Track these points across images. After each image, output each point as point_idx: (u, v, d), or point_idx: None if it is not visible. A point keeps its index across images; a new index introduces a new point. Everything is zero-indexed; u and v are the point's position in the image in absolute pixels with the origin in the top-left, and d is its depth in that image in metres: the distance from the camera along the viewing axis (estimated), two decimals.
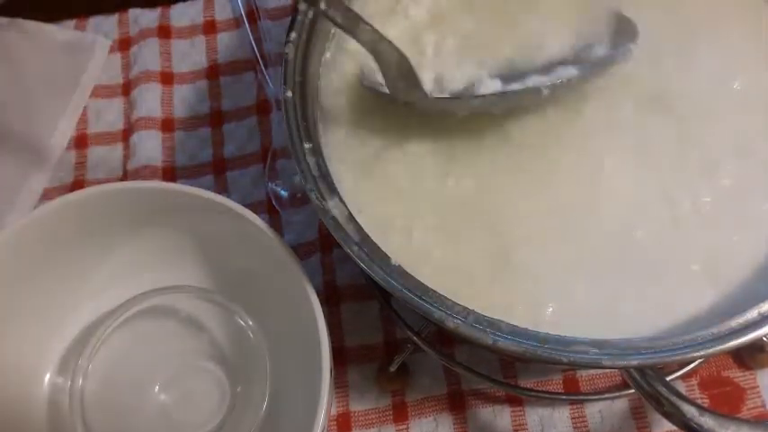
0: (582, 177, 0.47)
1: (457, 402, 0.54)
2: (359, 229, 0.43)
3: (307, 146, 0.46)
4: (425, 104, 0.48)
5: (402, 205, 0.47)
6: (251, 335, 0.51)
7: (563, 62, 0.49)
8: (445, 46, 0.51)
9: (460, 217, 0.46)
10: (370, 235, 0.43)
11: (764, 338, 0.46)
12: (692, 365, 0.52)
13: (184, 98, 0.69)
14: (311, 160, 0.45)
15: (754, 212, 0.45)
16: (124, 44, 0.72)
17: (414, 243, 0.46)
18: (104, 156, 0.66)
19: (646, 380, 0.39)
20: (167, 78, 0.69)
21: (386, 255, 0.42)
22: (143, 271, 0.54)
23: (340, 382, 0.55)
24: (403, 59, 0.46)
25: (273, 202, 0.62)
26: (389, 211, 0.47)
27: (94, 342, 0.50)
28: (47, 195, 0.65)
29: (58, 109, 0.68)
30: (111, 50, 0.71)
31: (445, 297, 0.40)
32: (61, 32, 0.72)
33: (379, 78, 0.47)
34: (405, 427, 0.54)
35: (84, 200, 0.50)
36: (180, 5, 0.73)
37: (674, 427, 0.39)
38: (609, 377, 0.54)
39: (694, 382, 0.53)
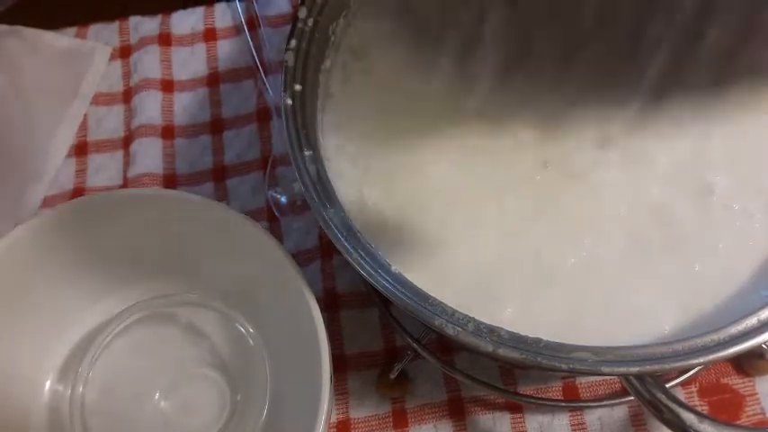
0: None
1: (457, 409, 0.54)
2: (359, 236, 0.43)
3: (307, 153, 0.46)
4: None
5: (400, 210, 0.47)
6: (251, 342, 0.51)
7: None
8: None
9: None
10: (368, 240, 0.43)
11: (764, 346, 0.46)
12: (691, 372, 0.52)
13: (185, 106, 0.69)
14: (311, 167, 0.45)
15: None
16: (124, 52, 0.72)
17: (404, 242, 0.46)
18: (105, 163, 0.67)
19: (645, 387, 0.39)
20: (168, 86, 0.69)
21: (386, 262, 0.42)
22: (143, 278, 0.54)
23: (340, 389, 0.55)
24: None
25: (273, 210, 0.62)
26: (387, 216, 0.47)
27: (95, 349, 0.50)
28: (47, 203, 0.65)
29: (58, 116, 0.68)
30: (112, 58, 0.72)
31: (445, 304, 0.40)
32: (61, 40, 0.72)
33: None
34: None
35: (85, 207, 0.50)
36: (180, 13, 0.73)
37: None
38: (608, 384, 0.54)
39: (694, 389, 0.54)
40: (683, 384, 0.53)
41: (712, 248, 0.45)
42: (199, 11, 0.73)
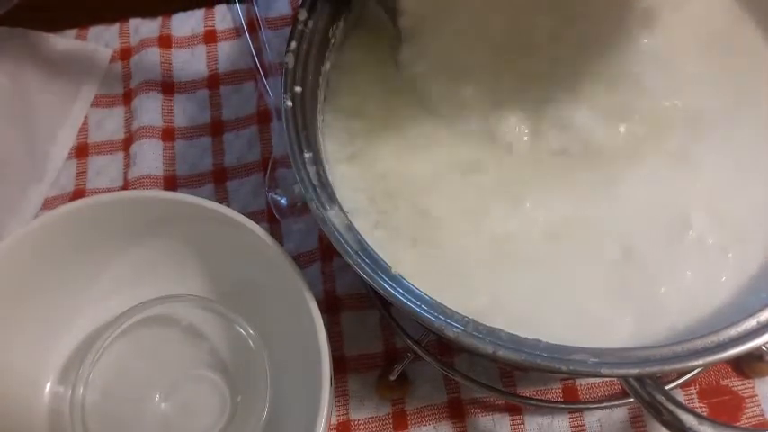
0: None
1: (456, 411, 0.54)
2: (359, 238, 0.43)
3: (307, 155, 0.46)
4: None
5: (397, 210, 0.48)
6: (251, 344, 0.51)
7: None
8: None
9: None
10: (369, 243, 0.43)
11: (763, 347, 0.46)
12: (691, 374, 0.53)
13: (185, 108, 0.69)
14: (311, 169, 0.45)
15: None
16: (125, 54, 0.72)
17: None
18: (105, 165, 0.67)
19: (645, 389, 0.39)
20: (168, 88, 0.69)
21: (386, 264, 0.42)
22: (144, 280, 0.54)
23: (340, 391, 0.56)
24: None
25: (274, 212, 0.62)
26: (385, 217, 0.47)
27: (95, 351, 0.50)
28: (47, 204, 0.65)
29: (58, 118, 0.68)
30: (112, 60, 0.72)
31: (445, 306, 0.40)
32: (62, 42, 0.72)
33: None
34: None
35: (85, 209, 0.50)
36: (180, 15, 0.73)
37: None
38: (608, 386, 0.54)
39: (693, 390, 0.54)
40: (683, 386, 0.53)
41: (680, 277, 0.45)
42: (199, 13, 0.73)
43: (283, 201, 0.62)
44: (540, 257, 0.46)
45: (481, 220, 0.47)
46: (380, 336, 0.57)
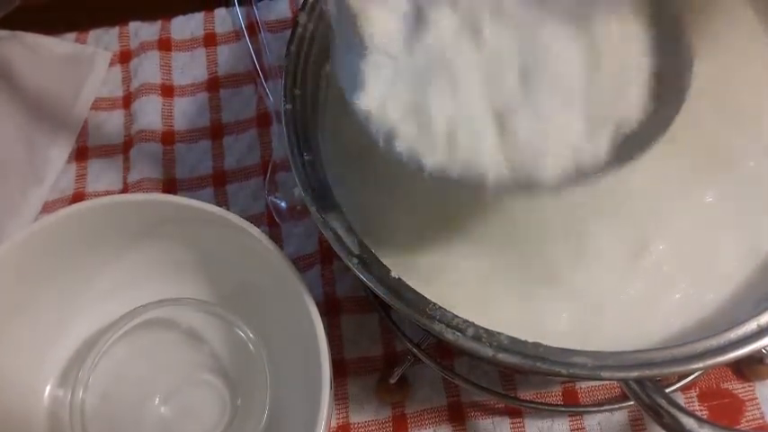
0: None
1: (456, 414, 0.54)
2: (359, 241, 0.43)
3: (306, 158, 0.46)
4: None
5: (397, 214, 0.48)
6: (251, 347, 0.51)
7: None
8: None
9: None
10: (368, 244, 0.43)
11: (763, 350, 0.46)
12: (691, 377, 0.52)
13: (185, 111, 0.69)
14: (311, 173, 0.45)
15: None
16: (125, 57, 0.72)
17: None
18: (105, 168, 0.67)
19: (645, 392, 0.39)
20: (168, 91, 0.69)
21: (386, 267, 0.42)
22: (143, 283, 0.54)
23: (339, 394, 0.55)
24: None
25: (273, 215, 0.62)
26: (386, 219, 0.47)
27: (95, 354, 0.50)
28: (47, 208, 0.65)
29: (58, 121, 0.68)
30: (112, 63, 0.72)
31: (445, 309, 0.40)
32: (62, 45, 0.72)
33: None
34: None
35: (85, 212, 0.50)
36: (180, 18, 0.73)
37: None
38: (608, 389, 0.54)
39: (693, 393, 0.54)
40: (683, 389, 0.53)
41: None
42: (199, 16, 0.73)
43: (283, 204, 0.62)
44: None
45: None
46: (380, 339, 0.57)
